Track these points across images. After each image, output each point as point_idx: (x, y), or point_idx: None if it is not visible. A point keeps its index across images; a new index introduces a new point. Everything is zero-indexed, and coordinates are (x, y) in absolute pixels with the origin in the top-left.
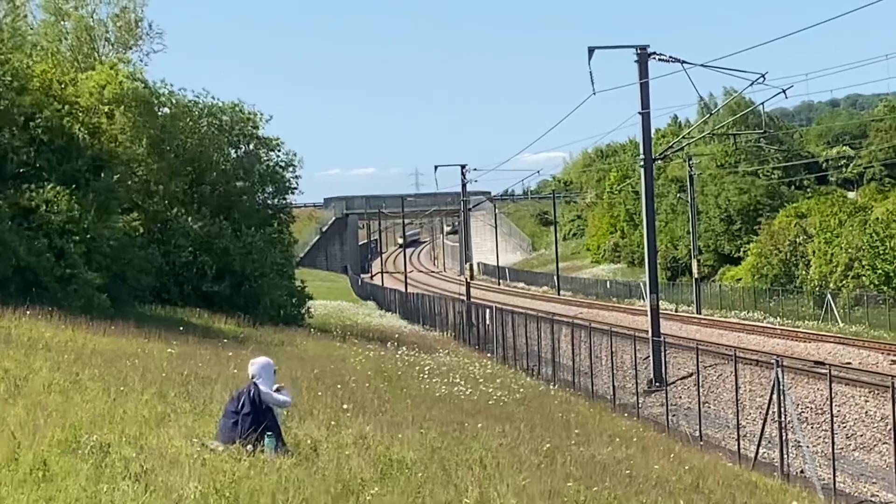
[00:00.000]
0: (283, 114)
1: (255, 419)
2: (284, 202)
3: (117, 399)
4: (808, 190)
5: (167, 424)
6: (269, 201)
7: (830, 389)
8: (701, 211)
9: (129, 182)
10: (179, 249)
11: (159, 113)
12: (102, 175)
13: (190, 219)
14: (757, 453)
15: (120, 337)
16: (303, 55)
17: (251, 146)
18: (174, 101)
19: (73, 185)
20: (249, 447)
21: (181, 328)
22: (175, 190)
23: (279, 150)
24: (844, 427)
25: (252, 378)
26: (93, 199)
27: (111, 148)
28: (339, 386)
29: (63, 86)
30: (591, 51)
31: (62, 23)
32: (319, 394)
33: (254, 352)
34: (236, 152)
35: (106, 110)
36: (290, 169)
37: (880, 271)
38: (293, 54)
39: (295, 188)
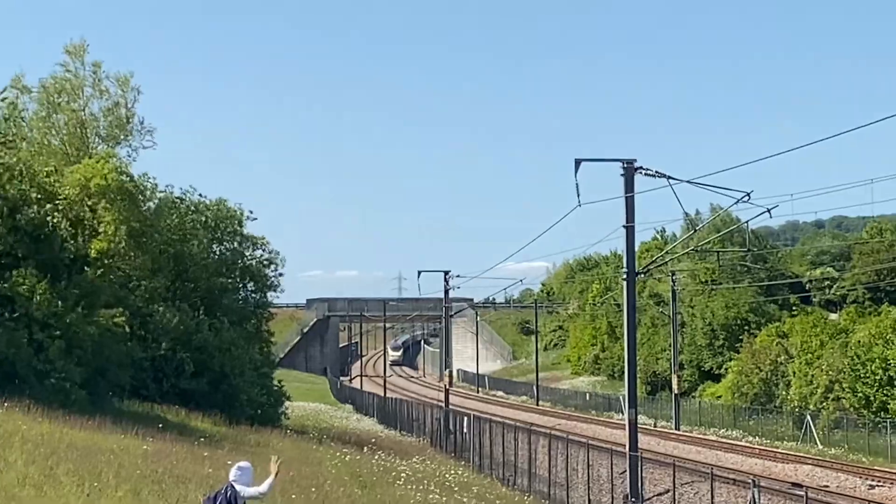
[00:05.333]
0: (267, 214)
1: None
2: (265, 299)
3: (91, 495)
4: (794, 308)
5: None
6: (250, 297)
7: None
8: (685, 324)
9: (111, 276)
10: (158, 345)
11: (144, 207)
12: (86, 269)
13: (169, 314)
14: None
15: (96, 432)
16: (289, 157)
17: (235, 243)
18: (159, 197)
19: (54, 278)
20: None
21: (158, 425)
22: (157, 285)
23: (263, 248)
24: None
25: (231, 480)
26: (76, 293)
27: (93, 242)
28: (313, 489)
29: (49, 177)
30: (577, 163)
31: (54, 116)
32: (293, 497)
33: (230, 452)
34: (219, 249)
35: (90, 203)
36: (273, 266)
37: (860, 394)
38: (280, 156)
39: (276, 286)
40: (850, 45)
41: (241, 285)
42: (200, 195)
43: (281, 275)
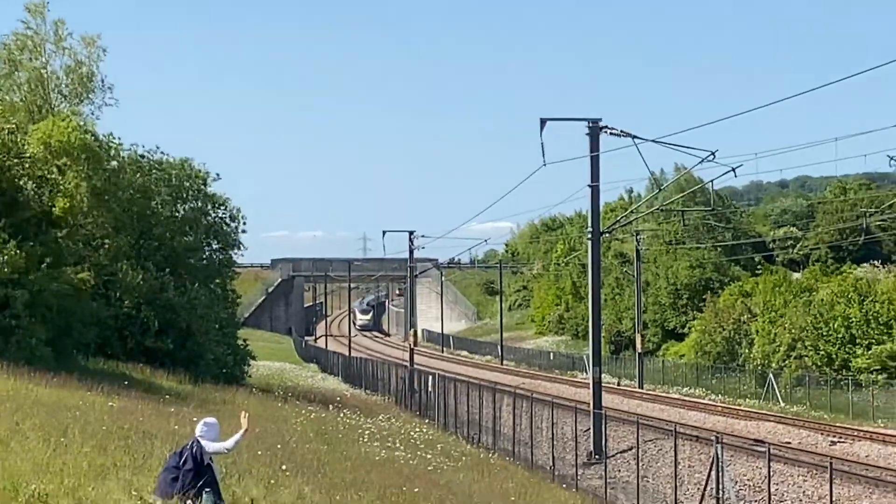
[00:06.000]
0: (232, 175)
1: (196, 475)
2: (229, 258)
3: (57, 450)
4: (757, 268)
5: (106, 477)
6: (214, 256)
7: (769, 468)
8: (649, 284)
9: (76, 235)
10: (123, 303)
11: (107, 166)
12: (51, 228)
13: (133, 272)
14: None
15: (62, 389)
16: (253, 119)
17: (199, 203)
18: (123, 155)
19: (20, 237)
20: (188, 503)
21: (124, 382)
22: (121, 244)
23: (226, 207)
24: None
25: (197, 435)
26: (41, 251)
27: (58, 200)
28: (279, 446)
29: (12, 135)
30: (542, 122)
31: (16, 73)
32: (259, 453)
33: (195, 409)
34: (184, 208)
35: (56, 163)
36: (235, 224)
37: (823, 353)
38: (244, 118)
39: (239, 244)
40: (814, 4)
41: (205, 244)
42: (163, 153)
43: (244, 231)
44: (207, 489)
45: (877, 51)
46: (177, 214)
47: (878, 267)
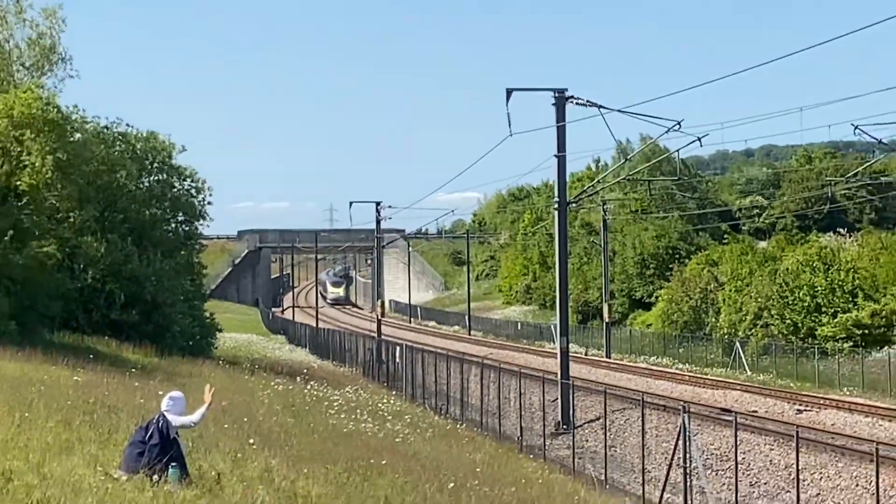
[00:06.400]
0: (196, 145)
1: (162, 450)
2: (195, 230)
3: (21, 425)
4: (724, 237)
5: (71, 452)
6: (180, 228)
7: (736, 437)
8: (616, 254)
9: (41, 208)
10: (87, 275)
11: (71, 138)
12: (15, 201)
13: (97, 244)
14: (661, 498)
15: (26, 363)
16: (217, 88)
17: (164, 175)
18: (86, 127)
19: None
20: (154, 477)
21: (89, 356)
22: (85, 217)
23: (192, 179)
24: (749, 474)
25: (163, 410)
26: (4, 225)
27: (22, 173)
28: (245, 419)
29: None
30: (508, 92)
31: None
32: (226, 426)
33: (161, 382)
34: (149, 180)
35: (16, 135)
36: (201, 196)
37: (789, 321)
38: (208, 87)
39: (205, 215)
40: None
41: (170, 216)
42: (128, 125)
43: (209, 203)
44: (174, 463)
45: (840, 21)
46: (142, 187)
47: (843, 235)
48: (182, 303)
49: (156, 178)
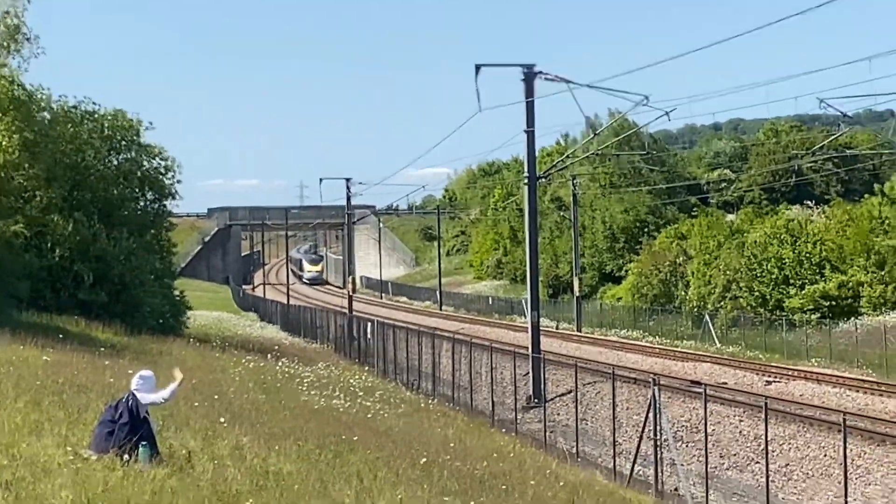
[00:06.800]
0: (165, 123)
1: (132, 429)
2: (164, 208)
3: None
4: (693, 211)
5: (41, 433)
6: (149, 207)
7: (706, 409)
8: (585, 228)
9: (8, 188)
10: (54, 255)
11: (38, 117)
12: None
13: (64, 223)
14: (632, 471)
15: None
16: (185, 65)
17: (132, 153)
18: (53, 106)
19: None
20: (124, 457)
21: (58, 336)
22: (53, 196)
23: (161, 157)
24: (719, 446)
25: (133, 388)
26: None
27: None
28: (216, 396)
29: None
30: (477, 68)
31: None
32: (196, 404)
33: (131, 361)
34: (117, 159)
35: None
36: (170, 174)
37: (757, 293)
38: (177, 65)
39: (175, 193)
40: None
41: (139, 195)
42: (95, 103)
43: (179, 182)
44: (144, 442)
45: None
46: (110, 165)
47: (810, 208)
48: (152, 281)
49: (124, 156)
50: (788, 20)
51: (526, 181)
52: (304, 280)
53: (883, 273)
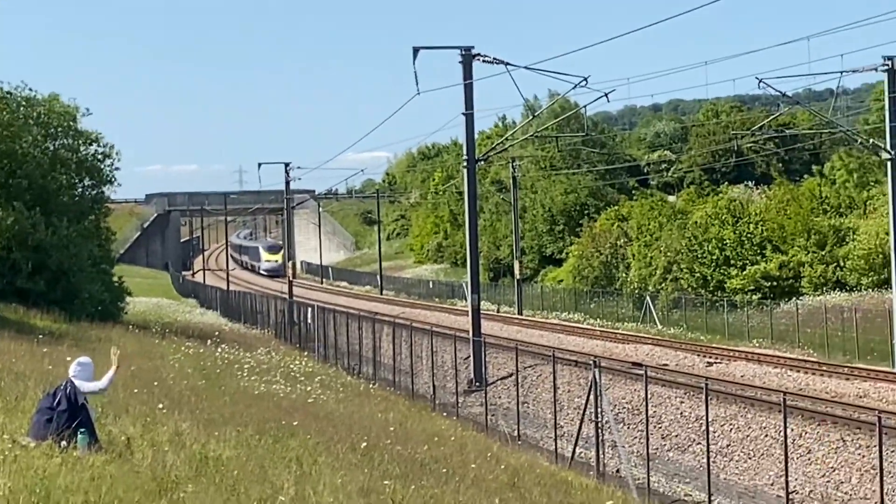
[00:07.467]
0: (102, 108)
1: (71, 416)
2: (102, 195)
3: None
4: (633, 192)
5: None
6: (86, 194)
7: (646, 390)
8: (526, 210)
9: None
10: None
11: None
12: None
13: (2, 213)
14: (574, 453)
15: None
16: (124, 51)
17: (69, 140)
18: None
19: None
20: (63, 444)
21: None
22: None
23: (99, 143)
24: (660, 427)
25: (71, 376)
26: None
27: None
28: (156, 383)
29: None
30: (415, 51)
31: None
32: (135, 391)
33: (70, 348)
34: (53, 145)
35: None
36: (108, 161)
37: (698, 274)
38: (112, 50)
39: (113, 180)
40: None
41: (77, 181)
42: (31, 90)
43: (117, 168)
44: (82, 429)
45: None
46: (47, 152)
47: (751, 188)
48: (90, 268)
49: (61, 142)
50: (725, 0)
51: (465, 164)
52: (262, 271)
53: (823, 253)
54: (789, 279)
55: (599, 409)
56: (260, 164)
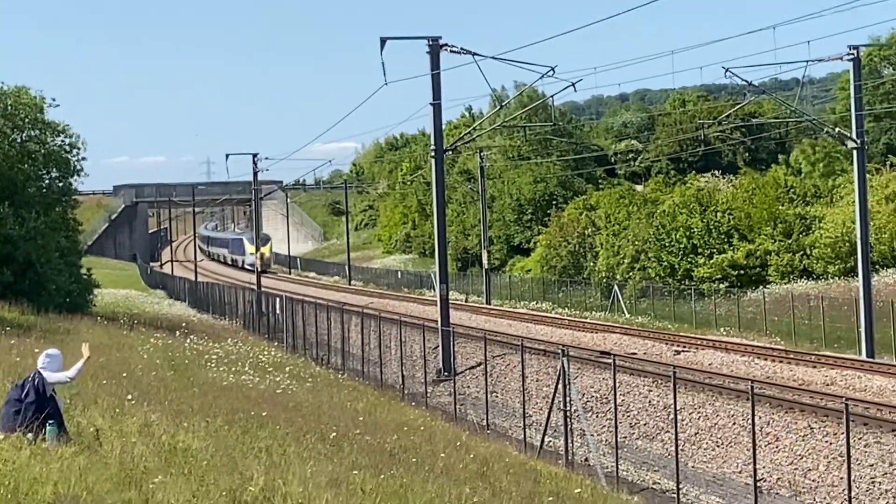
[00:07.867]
0: (69, 100)
1: (39, 407)
2: (69, 186)
3: None
4: (600, 182)
5: None
6: (53, 185)
7: (615, 379)
8: (494, 201)
9: None
10: None
11: None
12: None
13: None
14: (542, 442)
15: None
16: (89, 41)
17: (36, 131)
18: None
19: None
20: (31, 435)
21: None
22: None
23: (65, 135)
24: (628, 416)
25: (39, 367)
26: None
27: None
28: (124, 374)
29: None
30: (383, 41)
31: None
32: (104, 382)
33: (38, 340)
34: (20, 137)
35: None
36: (75, 151)
37: (665, 263)
38: (78, 41)
39: (80, 171)
40: None
41: (44, 173)
42: None
43: (84, 159)
44: (51, 421)
45: None
46: (14, 144)
47: (718, 177)
48: (58, 260)
49: (27, 134)
50: None
51: (433, 154)
52: (245, 265)
53: (790, 241)
54: (756, 268)
55: (568, 398)
56: (227, 155)
